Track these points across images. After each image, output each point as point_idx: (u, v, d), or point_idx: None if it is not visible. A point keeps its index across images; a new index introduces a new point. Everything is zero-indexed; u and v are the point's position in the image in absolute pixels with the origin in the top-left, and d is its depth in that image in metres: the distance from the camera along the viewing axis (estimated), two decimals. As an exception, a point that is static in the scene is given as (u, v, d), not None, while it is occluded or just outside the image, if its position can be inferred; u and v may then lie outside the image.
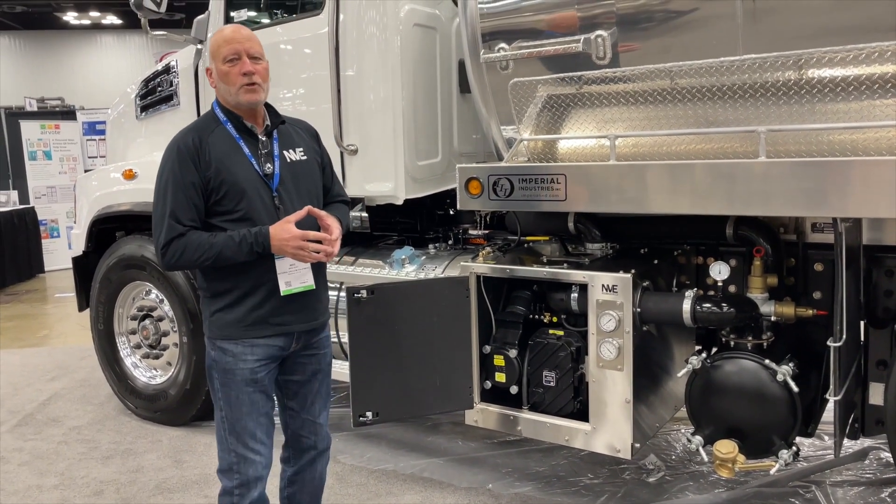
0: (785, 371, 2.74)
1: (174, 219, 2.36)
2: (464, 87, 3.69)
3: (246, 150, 2.44)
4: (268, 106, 2.56)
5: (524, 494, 3.57)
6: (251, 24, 4.17)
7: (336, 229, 2.45)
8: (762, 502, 3.39)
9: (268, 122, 2.53)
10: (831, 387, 2.66)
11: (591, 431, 3.05)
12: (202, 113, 4.29)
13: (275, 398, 2.65)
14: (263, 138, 2.49)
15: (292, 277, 2.45)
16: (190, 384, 4.41)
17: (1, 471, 4.11)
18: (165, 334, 4.60)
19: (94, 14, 18.36)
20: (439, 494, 3.61)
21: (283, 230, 2.34)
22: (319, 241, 2.37)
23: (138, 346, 4.78)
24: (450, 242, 4.02)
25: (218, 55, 2.43)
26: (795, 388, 2.73)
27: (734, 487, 3.54)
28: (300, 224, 2.38)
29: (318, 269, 2.54)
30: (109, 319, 4.84)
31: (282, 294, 2.43)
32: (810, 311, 2.90)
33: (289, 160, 2.52)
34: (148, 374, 4.76)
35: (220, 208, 2.40)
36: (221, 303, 2.44)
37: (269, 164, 2.46)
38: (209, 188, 2.38)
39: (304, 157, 2.58)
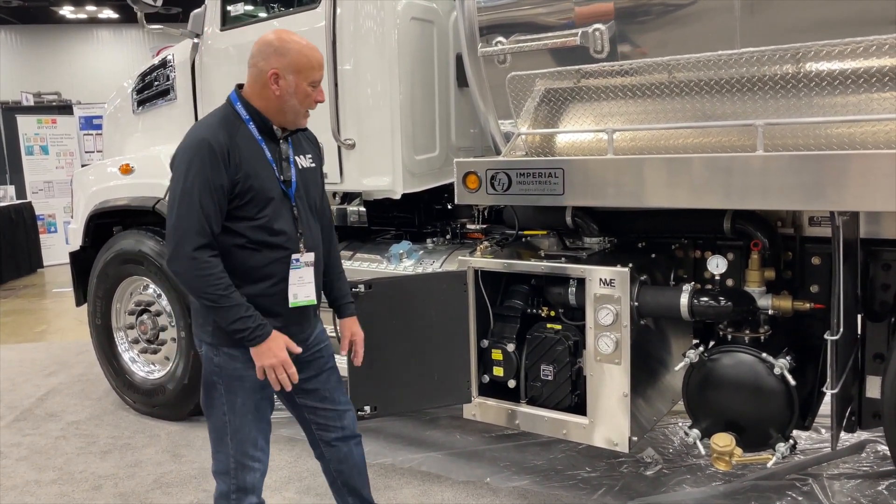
0: (782, 364, 2.75)
1: (207, 225, 2.22)
2: (461, 81, 3.68)
3: (268, 154, 2.35)
4: None
5: (522, 488, 3.58)
6: (248, 17, 4.16)
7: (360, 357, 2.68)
8: (759, 495, 3.40)
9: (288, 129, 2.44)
10: (828, 380, 2.67)
11: (589, 425, 3.05)
12: (199, 107, 4.31)
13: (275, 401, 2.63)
14: (283, 144, 2.43)
15: (299, 290, 2.42)
16: (188, 379, 4.41)
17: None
18: (163, 329, 4.60)
19: (91, 8, 18.32)
20: (437, 488, 3.62)
21: (280, 348, 2.29)
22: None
23: (136, 341, 4.77)
24: (448, 237, 4.02)
25: (306, 75, 2.32)
26: (792, 382, 2.74)
27: (731, 480, 3.55)
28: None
29: (317, 283, 2.52)
30: (107, 314, 4.84)
31: (290, 305, 2.41)
32: (807, 305, 2.90)
33: (300, 167, 2.46)
34: (146, 368, 4.76)
35: (242, 213, 2.30)
36: None
37: (287, 170, 2.39)
38: (234, 192, 2.26)
39: (312, 165, 2.53)
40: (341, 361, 3.55)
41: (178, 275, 2.27)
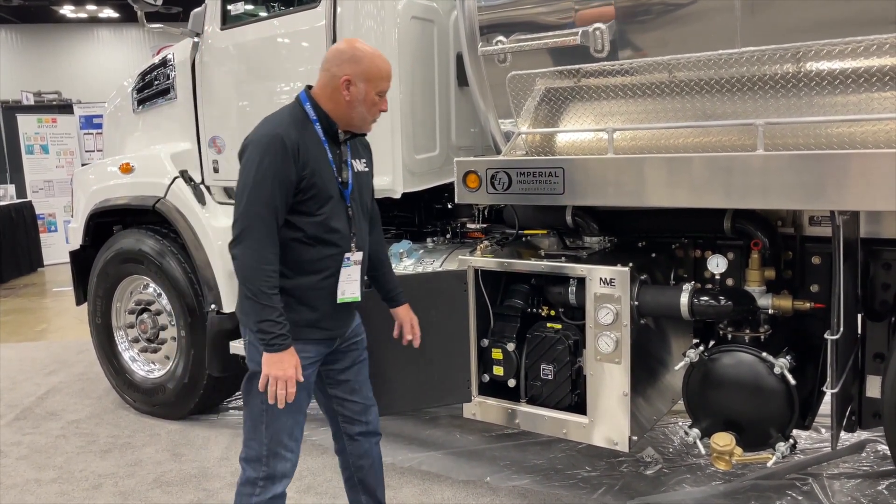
0: (782, 364, 2.74)
1: (274, 219, 2.30)
2: (462, 80, 3.68)
3: (329, 155, 2.43)
4: None
5: (522, 487, 3.58)
6: (248, 16, 4.16)
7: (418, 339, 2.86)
8: (759, 494, 3.40)
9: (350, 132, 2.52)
10: (828, 379, 2.67)
11: (589, 424, 3.05)
12: (199, 106, 4.31)
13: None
14: (343, 147, 2.50)
15: (347, 287, 2.51)
16: (188, 378, 4.41)
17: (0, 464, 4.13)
18: (163, 328, 4.60)
19: (91, 7, 18.31)
20: (437, 487, 3.62)
21: (290, 365, 2.32)
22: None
23: (136, 340, 4.78)
24: (448, 236, 4.02)
25: (375, 84, 2.42)
26: (793, 381, 2.74)
27: (731, 480, 3.55)
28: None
29: (362, 281, 2.60)
30: (107, 313, 4.84)
31: (338, 301, 2.49)
32: (808, 304, 2.90)
33: (356, 170, 2.55)
34: (146, 367, 4.76)
35: (303, 209, 2.37)
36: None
37: (344, 172, 2.47)
38: (299, 188, 2.34)
39: (366, 169, 2.62)
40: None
41: (236, 259, 2.33)
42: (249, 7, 4.25)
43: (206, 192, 4.38)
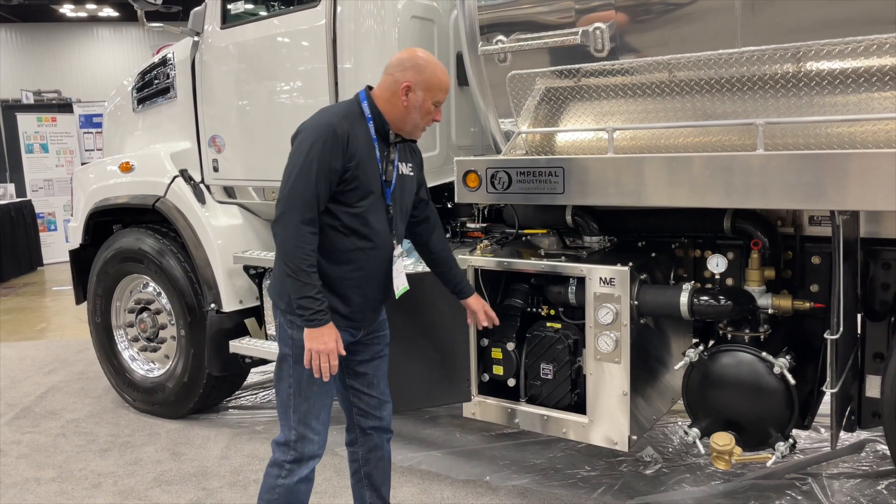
0: (782, 363, 2.74)
1: (316, 202, 2.39)
2: (462, 79, 3.67)
3: (378, 153, 2.52)
4: None
5: (522, 486, 3.58)
6: (248, 15, 4.16)
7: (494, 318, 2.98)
8: (759, 494, 3.41)
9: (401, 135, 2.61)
10: (828, 379, 2.67)
11: (589, 424, 3.05)
12: (199, 105, 4.31)
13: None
14: (392, 149, 2.58)
15: (398, 281, 2.67)
16: (188, 377, 4.41)
17: None
18: (163, 327, 4.60)
19: (91, 6, 18.31)
20: (437, 487, 3.62)
21: (331, 338, 2.40)
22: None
23: (136, 339, 4.78)
24: (448, 235, 4.02)
25: (433, 94, 2.54)
26: (792, 381, 2.74)
27: (731, 480, 3.55)
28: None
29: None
30: (107, 312, 4.84)
31: (396, 296, 2.68)
32: (807, 304, 2.90)
33: (401, 172, 2.63)
34: (146, 367, 4.76)
35: (344, 199, 2.46)
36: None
37: (389, 171, 2.56)
38: (343, 178, 2.43)
39: (411, 174, 2.70)
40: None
41: (277, 237, 2.42)
42: (249, 6, 4.25)
43: (205, 192, 4.38)
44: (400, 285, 2.69)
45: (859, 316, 3.08)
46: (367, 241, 2.52)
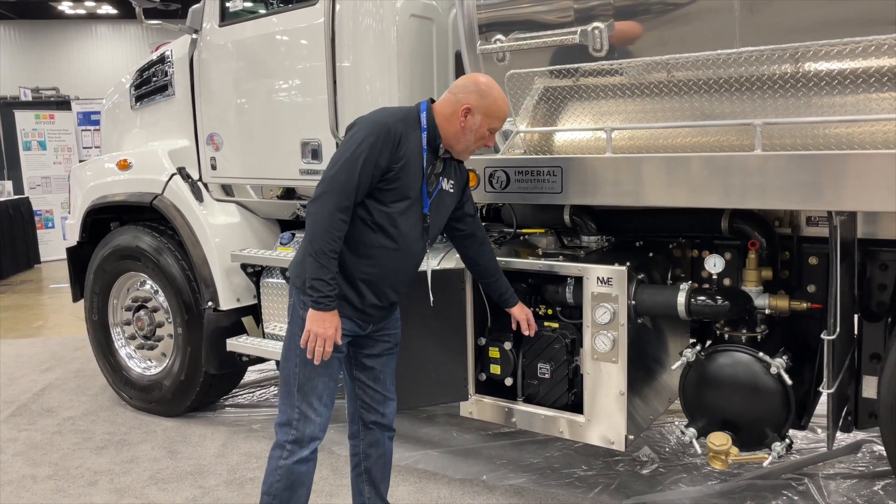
0: (779, 364, 2.75)
1: (354, 192, 2.43)
2: (460, 78, 3.68)
3: (424, 162, 2.57)
4: None
5: (518, 486, 3.58)
6: (246, 13, 4.15)
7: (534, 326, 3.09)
8: (755, 494, 3.41)
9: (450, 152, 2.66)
10: (825, 380, 2.67)
11: (586, 423, 3.05)
12: (197, 103, 4.30)
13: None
14: (439, 163, 2.63)
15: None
16: (185, 375, 4.40)
17: (-5, 461, 4.12)
18: (160, 325, 4.60)
19: (90, 4, 18.30)
20: (434, 486, 3.62)
21: (332, 325, 2.45)
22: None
23: (133, 337, 4.77)
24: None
25: (491, 121, 2.60)
26: (789, 381, 2.74)
27: (727, 479, 3.55)
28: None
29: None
30: (104, 310, 4.83)
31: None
32: (804, 305, 2.90)
33: (443, 188, 2.68)
34: (142, 364, 4.76)
35: (380, 196, 2.51)
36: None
37: (432, 183, 2.61)
38: (385, 177, 2.48)
39: (452, 191, 2.74)
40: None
41: (310, 215, 2.46)
42: (248, 4, 4.24)
43: (203, 189, 4.38)
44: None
45: (856, 316, 3.09)
46: (391, 241, 2.55)
